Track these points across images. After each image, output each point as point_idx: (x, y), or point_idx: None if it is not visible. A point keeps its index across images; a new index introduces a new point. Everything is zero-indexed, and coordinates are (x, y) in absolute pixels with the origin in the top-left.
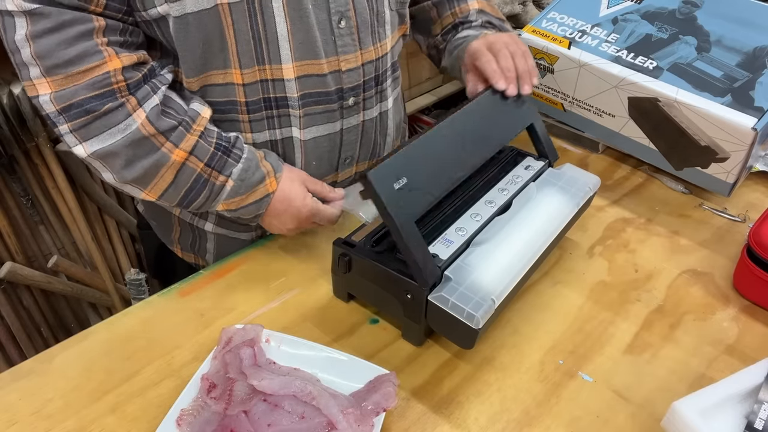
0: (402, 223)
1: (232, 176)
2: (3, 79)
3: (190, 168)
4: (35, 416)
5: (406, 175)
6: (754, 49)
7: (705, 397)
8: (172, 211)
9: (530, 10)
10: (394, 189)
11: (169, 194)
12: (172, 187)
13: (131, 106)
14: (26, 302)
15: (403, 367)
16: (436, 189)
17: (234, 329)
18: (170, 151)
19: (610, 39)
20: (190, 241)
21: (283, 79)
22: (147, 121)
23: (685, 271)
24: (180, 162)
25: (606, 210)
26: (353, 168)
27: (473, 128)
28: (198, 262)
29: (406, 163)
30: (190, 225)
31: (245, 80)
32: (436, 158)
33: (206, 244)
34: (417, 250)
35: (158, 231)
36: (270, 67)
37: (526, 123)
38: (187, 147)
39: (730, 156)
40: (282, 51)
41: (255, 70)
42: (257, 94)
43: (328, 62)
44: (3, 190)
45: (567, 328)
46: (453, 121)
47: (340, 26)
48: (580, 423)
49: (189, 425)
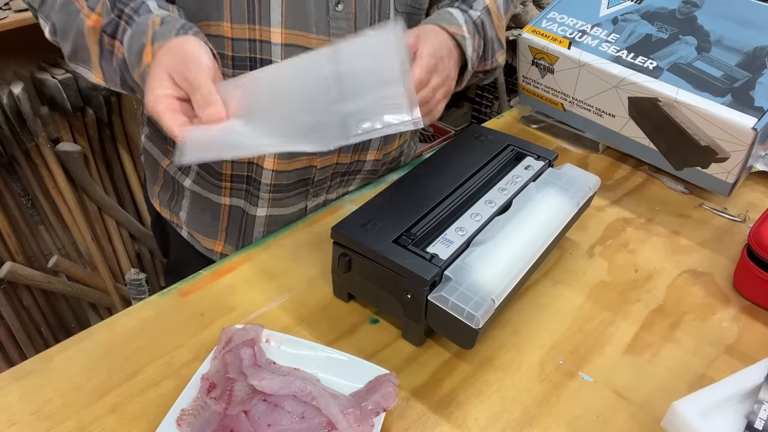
0: (380, 249)
1: (124, 44)
2: (3, 79)
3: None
4: (35, 416)
5: (375, 219)
6: (754, 49)
7: (705, 397)
8: (161, 161)
9: (530, 10)
10: (363, 229)
11: (107, 69)
12: (103, 60)
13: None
14: (26, 302)
15: (403, 367)
16: (416, 214)
17: (234, 329)
18: (87, 16)
19: (610, 39)
20: (168, 195)
21: (270, 42)
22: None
23: (685, 271)
24: (95, 27)
25: (606, 210)
26: None
27: (449, 163)
28: (173, 220)
29: (375, 211)
30: (173, 179)
31: (234, 35)
32: (410, 199)
33: (182, 201)
34: (403, 259)
35: (147, 183)
36: (259, 28)
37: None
38: (99, 10)
39: (730, 156)
40: (273, 14)
41: (245, 28)
42: (244, 51)
43: (318, 39)
44: (3, 190)
45: (567, 328)
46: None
47: (338, 8)
48: (580, 423)
49: (189, 425)
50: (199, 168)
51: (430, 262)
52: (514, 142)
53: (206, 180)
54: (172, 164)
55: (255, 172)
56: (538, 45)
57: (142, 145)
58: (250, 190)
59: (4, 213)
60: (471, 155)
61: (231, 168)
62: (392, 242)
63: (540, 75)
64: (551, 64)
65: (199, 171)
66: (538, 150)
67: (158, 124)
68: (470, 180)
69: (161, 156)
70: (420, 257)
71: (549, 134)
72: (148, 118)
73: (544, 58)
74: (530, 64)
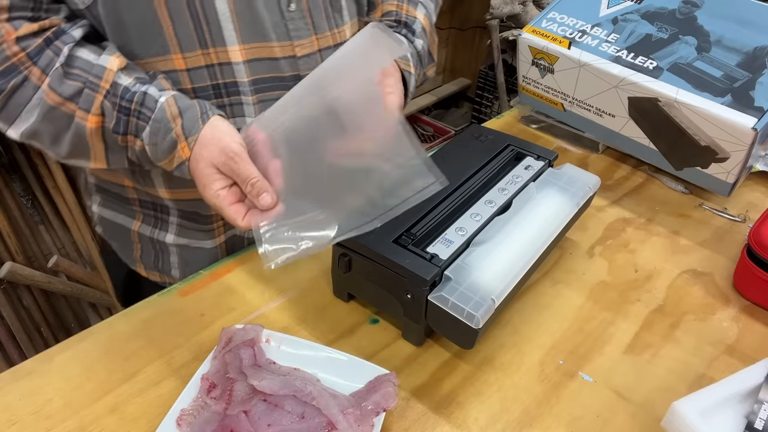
0: (380, 249)
1: (144, 140)
2: None
3: (111, 131)
4: (35, 416)
5: None
6: (754, 49)
7: (705, 397)
8: (130, 225)
9: (530, 10)
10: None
11: (114, 159)
12: (110, 152)
13: (36, 77)
14: (26, 302)
15: (403, 367)
16: (416, 214)
17: (234, 329)
18: (83, 119)
19: (610, 39)
20: (152, 258)
21: (231, 63)
22: (49, 89)
23: (685, 271)
24: (98, 127)
25: (606, 210)
26: None
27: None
28: (164, 281)
29: None
30: (151, 239)
31: (188, 65)
32: None
33: (169, 258)
34: (403, 259)
35: (120, 252)
36: (215, 50)
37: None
38: (98, 110)
39: (730, 156)
40: (225, 31)
41: (198, 54)
42: (204, 80)
43: (281, 46)
44: (3, 190)
45: (567, 328)
46: None
47: (290, 9)
48: (580, 423)
49: (189, 425)
50: (179, 219)
51: (430, 262)
52: (514, 142)
53: (192, 229)
54: (145, 223)
55: None
56: (538, 45)
57: (97, 216)
58: None
59: (4, 213)
60: (471, 155)
61: None
62: (392, 242)
63: (540, 75)
64: (551, 64)
65: (180, 222)
66: (538, 150)
67: (115, 188)
68: (470, 180)
69: (128, 219)
70: (420, 257)
71: (549, 134)
72: (96, 185)
73: (544, 58)
74: (530, 64)
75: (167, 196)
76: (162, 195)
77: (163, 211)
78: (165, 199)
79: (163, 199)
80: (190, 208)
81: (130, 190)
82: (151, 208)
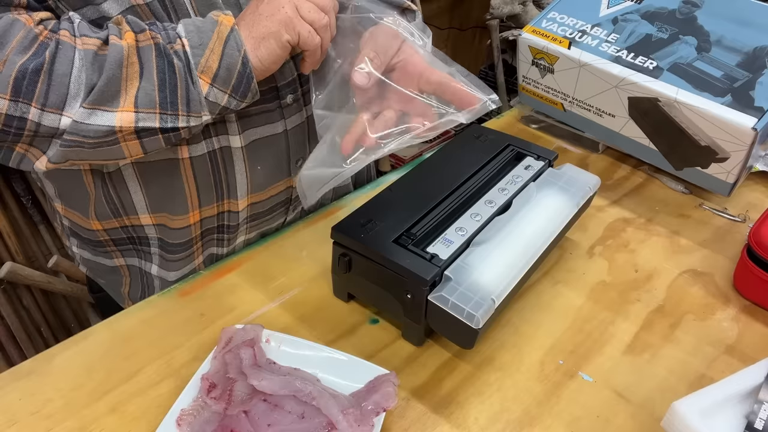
0: (380, 249)
1: (181, 34)
2: None
3: (146, 46)
4: (35, 416)
5: (375, 219)
6: (754, 49)
7: (705, 397)
8: (112, 264)
9: (530, 10)
10: (363, 229)
11: (144, 91)
12: (144, 79)
13: (67, 38)
14: (26, 302)
15: (403, 367)
16: (416, 214)
17: (234, 329)
18: (116, 41)
19: (610, 39)
20: (140, 293)
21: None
22: (83, 37)
23: (685, 271)
24: (133, 44)
25: (606, 210)
26: None
27: (449, 163)
28: None
29: (375, 211)
30: (139, 270)
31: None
32: (410, 199)
33: (155, 292)
34: (403, 259)
35: (108, 289)
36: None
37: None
38: (128, 31)
39: (730, 156)
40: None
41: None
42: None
43: None
44: (3, 190)
45: (567, 328)
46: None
47: None
48: (580, 423)
49: (189, 425)
50: (160, 250)
51: (430, 262)
52: (514, 142)
53: (170, 261)
54: (126, 256)
55: (228, 219)
56: (538, 45)
57: (77, 257)
58: (223, 237)
59: (4, 213)
60: (471, 155)
61: (200, 227)
62: (392, 242)
63: (540, 75)
64: (551, 64)
65: (161, 254)
66: (538, 150)
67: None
68: (470, 180)
69: (110, 258)
70: (420, 257)
71: (549, 134)
72: (71, 228)
73: (544, 58)
74: (530, 64)
75: (150, 222)
76: (144, 222)
77: (142, 243)
78: (145, 227)
79: (143, 228)
80: (172, 239)
81: (100, 233)
82: (128, 242)
